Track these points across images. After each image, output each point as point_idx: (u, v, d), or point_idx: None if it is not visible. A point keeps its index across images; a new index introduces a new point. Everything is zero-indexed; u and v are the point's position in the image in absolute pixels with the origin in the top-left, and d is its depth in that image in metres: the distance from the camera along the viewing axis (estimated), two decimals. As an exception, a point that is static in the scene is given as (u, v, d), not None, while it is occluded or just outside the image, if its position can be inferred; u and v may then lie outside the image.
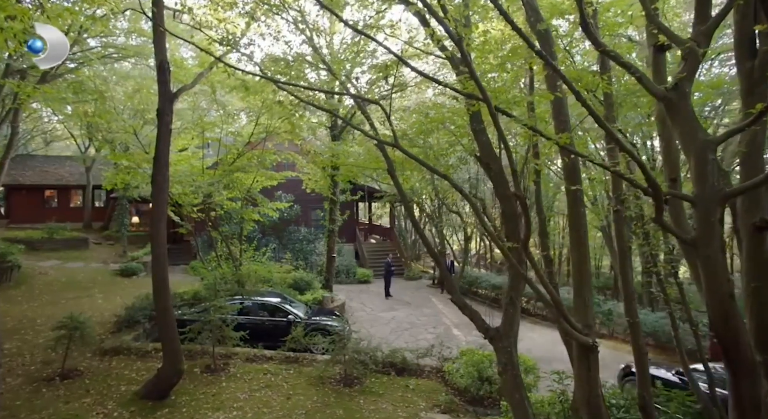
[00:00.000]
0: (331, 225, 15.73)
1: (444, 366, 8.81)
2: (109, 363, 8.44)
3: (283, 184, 17.55)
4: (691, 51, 3.66)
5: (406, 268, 24.16)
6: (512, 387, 4.85)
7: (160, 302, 7.45)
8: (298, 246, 21.40)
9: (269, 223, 20.92)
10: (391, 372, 8.75)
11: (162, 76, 7.36)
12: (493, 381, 7.75)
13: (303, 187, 16.49)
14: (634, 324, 5.38)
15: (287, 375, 8.54)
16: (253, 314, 10.87)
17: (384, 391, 7.96)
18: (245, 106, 13.37)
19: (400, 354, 9.13)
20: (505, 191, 5.25)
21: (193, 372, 8.25)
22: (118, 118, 12.40)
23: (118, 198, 20.74)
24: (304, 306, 12.21)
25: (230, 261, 14.33)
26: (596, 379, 4.37)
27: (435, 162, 7.37)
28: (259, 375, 8.38)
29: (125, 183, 14.66)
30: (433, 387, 8.22)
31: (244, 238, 15.62)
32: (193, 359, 8.82)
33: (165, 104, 7.45)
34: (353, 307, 15.90)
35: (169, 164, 11.87)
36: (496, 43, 5.46)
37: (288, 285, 14.73)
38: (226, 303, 9.41)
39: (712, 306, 3.39)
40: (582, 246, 4.66)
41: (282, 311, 10.99)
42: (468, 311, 5.31)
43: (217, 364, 8.63)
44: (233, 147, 13.65)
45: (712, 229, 3.41)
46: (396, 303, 17.20)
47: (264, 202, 14.73)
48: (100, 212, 24.92)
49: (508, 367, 4.89)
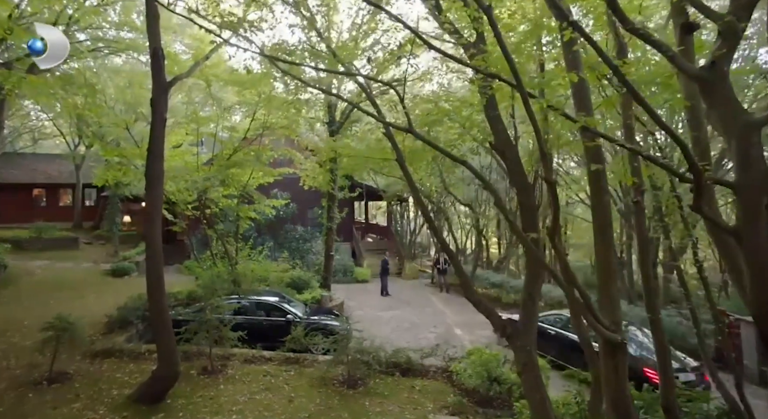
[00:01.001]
0: (329, 223, 15.39)
1: (450, 366, 8.53)
2: (100, 366, 8.04)
3: (280, 182, 17.21)
4: (730, 26, 3.41)
5: (403, 268, 23.89)
6: (533, 387, 4.57)
7: (155, 301, 7.09)
8: (295, 245, 21.05)
9: (265, 222, 20.51)
10: (395, 373, 8.44)
11: (156, 63, 7.00)
12: (502, 381, 7.48)
13: (300, 184, 16.15)
14: (655, 321, 5.14)
15: (288, 376, 8.21)
16: (250, 314, 10.54)
17: (389, 393, 7.66)
18: (241, 101, 13.00)
19: (405, 354, 8.83)
20: (522, 179, 4.98)
21: (189, 374, 7.88)
22: (109, 113, 11.97)
23: (110, 196, 20.24)
24: (303, 305, 11.90)
25: (226, 260, 13.96)
26: (624, 380, 4.11)
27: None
28: (259, 377, 8.04)
29: (117, 180, 14.25)
30: (440, 388, 7.93)
31: (240, 237, 15.24)
32: (189, 360, 8.44)
33: (159, 93, 7.09)
34: (352, 306, 15.58)
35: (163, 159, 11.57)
36: (516, 20, 5.18)
37: (285, 284, 14.40)
38: (223, 302, 9.07)
39: (759, 302, 3.13)
40: (607, 239, 4.39)
41: (280, 310, 10.66)
42: (484, 308, 5.03)
43: (215, 366, 8.27)
44: (229, 142, 13.28)
45: (758, 217, 3.15)
46: (395, 303, 16.93)
47: (260, 199, 14.36)
48: (91, 211, 24.35)
49: (528, 367, 4.62)
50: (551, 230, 3.65)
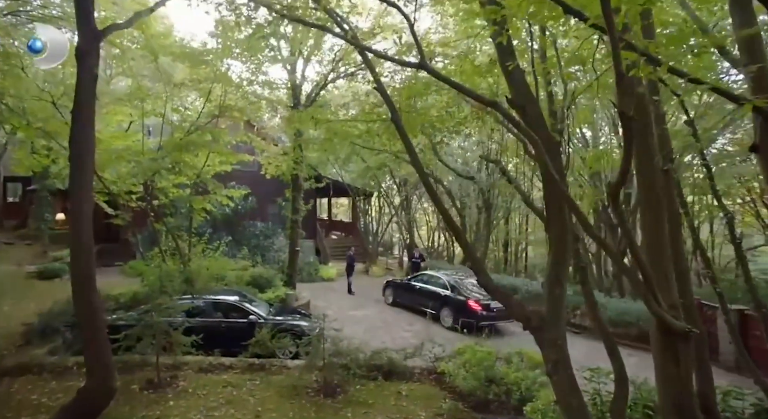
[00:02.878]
0: (294, 215, 14.11)
1: (438, 366, 7.66)
2: (9, 387, 6.43)
3: (238, 175, 15.76)
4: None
5: (370, 266, 22.98)
6: (567, 390, 3.74)
7: (84, 301, 5.68)
8: (255, 241, 19.50)
9: (222, 217, 18.87)
10: (377, 377, 7.43)
11: (83, 3, 5.59)
12: (498, 381, 6.67)
13: (262, 172, 14.77)
14: (689, 307, 4.49)
15: (253, 386, 6.99)
16: (207, 315, 9.19)
17: (374, 400, 6.64)
18: (193, 77, 11.47)
19: (386, 355, 7.86)
20: (547, 135, 4.14)
21: (130, 389, 6.48)
22: (29, 83, 10.06)
23: (38, 190, 17.79)
24: (267, 305, 10.65)
25: (177, 257, 12.37)
26: (688, 376, 3.37)
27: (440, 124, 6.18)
28: (218, 389, 6.77)
29: (43, 167, 12.25)
30: (430, 392, 7.02)
31: (193, 232, 13.63)
32: (130, 373, 7.00)
33: (88, 43, 5.68)
34: (319, 306, 14.38)
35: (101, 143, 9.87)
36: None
37: (246, 282, 13.03)
38: (175, 302, 7.69)
39: None
40: (658, 207, 3.65)
41: (242, 311, 9.37)
42: (500, 295, 4.17)
43: (162, 378, 6.88)
44: (180, 127, 11.68)
45: None
46: (365, 301, 15.94)
47: (217, 188, 12.85)
48: (15, 208, 21.46)
49: (559, 365, 3.79)
50: (614, 187, 2.81)
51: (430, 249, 29.69)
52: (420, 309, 13.74)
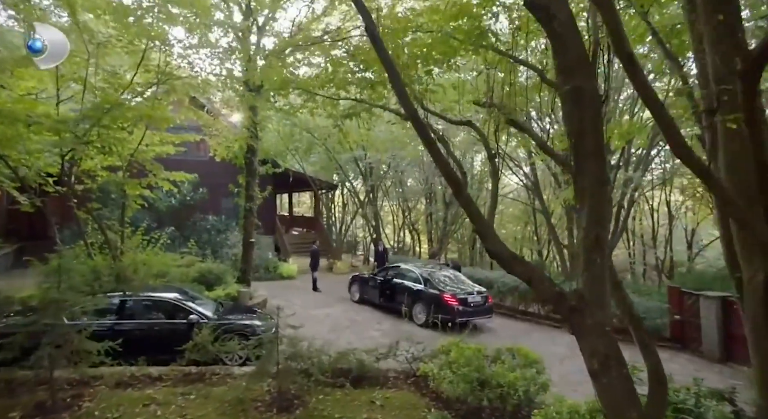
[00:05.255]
0: (248, 203, 12.51)
1: (418, 368, 6.46)
2: None
3: (188, 165, 13.97)
4: None
5: (335, 263, 21.62)
6: (622, 399, 2.62)
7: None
8: (206, 236, 17.62)
9: (167, 209, 16.90)
10: (344, 384, 6.10)
11: None
12: (493, 385, 5.54)
13: (216, 159, 13.10)
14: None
15: (185, 402, 5.49)
16: (138, 316, 7.65)
17: (341, 413, 5.32)
18: (122, 35, 9.65)
19: (355, 356, 6.58)
20: (579, 53, 3.03)
21: (8, 418, 4.82)
22: None
23: None
24: (213, 303, 9.11)
25: (107, 252, 10.52)
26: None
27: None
28: (136, 409, 5.22)
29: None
30: (410, 400, 5.77)
31: (128, 222, 11.73)
32: (15, 396, 5.30)
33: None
34: (277, 305, 12.89)
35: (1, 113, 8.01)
36: None
37: (192, 279, 11.38)
38: (84, 298, 6.01)
39: None
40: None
41: (181, 310, 7.83)
42: (521, 268, 3.01)
43: (60, 399, 5.23)
44: (107, 94, 9.79)
45: None
46: (329, 299, 14.57)
47: (156, 170, 11.04)
48: None
49: (609, 362, 2.67)
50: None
51: (395, 248, 28.65)
52: (389, 306, 12.79)
